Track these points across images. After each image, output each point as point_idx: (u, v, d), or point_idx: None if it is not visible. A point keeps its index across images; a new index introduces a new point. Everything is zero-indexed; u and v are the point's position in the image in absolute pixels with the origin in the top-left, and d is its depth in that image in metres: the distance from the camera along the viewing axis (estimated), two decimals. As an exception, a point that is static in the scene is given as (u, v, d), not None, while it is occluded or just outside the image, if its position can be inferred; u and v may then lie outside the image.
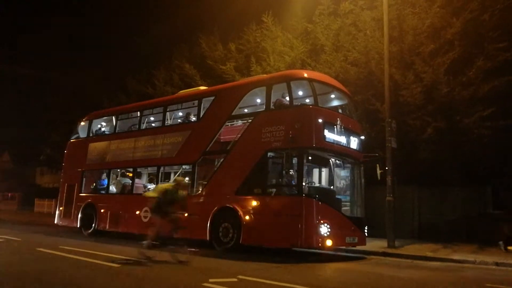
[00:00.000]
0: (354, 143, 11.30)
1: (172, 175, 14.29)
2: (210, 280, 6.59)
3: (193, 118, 13.12)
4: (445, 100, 14.98)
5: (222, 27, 22.98)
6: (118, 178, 15.46)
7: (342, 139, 10.77)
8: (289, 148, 9.91)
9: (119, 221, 13.88)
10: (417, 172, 15.36)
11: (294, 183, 10.16)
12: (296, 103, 11.03)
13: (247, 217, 10.45)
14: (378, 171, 12.15)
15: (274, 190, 10.54)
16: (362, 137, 12.16)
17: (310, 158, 10.31)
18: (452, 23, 15.00)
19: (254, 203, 10.53)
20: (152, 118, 15.04)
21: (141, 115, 14.87)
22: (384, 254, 11.42)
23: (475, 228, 14.64)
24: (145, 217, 12.78)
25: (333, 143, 10.50)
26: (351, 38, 16.94)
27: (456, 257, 10.79)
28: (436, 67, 14.92)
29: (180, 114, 14.26)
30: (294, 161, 10.05)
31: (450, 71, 14.95)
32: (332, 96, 12.26)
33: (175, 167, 13.80)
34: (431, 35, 15.49)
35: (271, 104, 11.07)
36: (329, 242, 9.84)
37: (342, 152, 10.99)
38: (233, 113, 11.96)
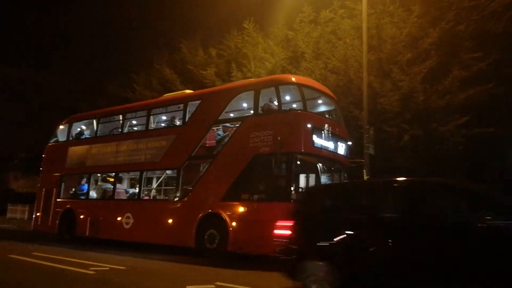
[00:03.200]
0: (341, 148, 11.38)
1: (154, 180, 14.17)
2: (187, 286, 6.62)
3: (178, 122, 13.01)
4: (422, 108, 15.32)
5: (203, 32, 23.10)
6: (99, 183, 15.21)
7: (330, 145, 10.83)
8: (278, 153, 9.81)
9: (99, 227, 13.65)
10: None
11: (282, 189, 10.05)
12: (284, 108, 11.04)
13: (233, 224, 10.37)
14: (365, 177, 12.32)
15: (261, 195, 10.46)
16: (349, 143, 12.27)
17: (298, 163, 10.26)
18: (429, 33, 15.38)
19: (241, 209, 10.46)
20: (134, 122, 14.89)
21: (124, 119, 14.66)
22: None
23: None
24: (127, 223, 12.65)
25: (321, 148, 10.54)
26: (331, 46, 17.18)
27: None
28: (413, 75, 15.26)
29: (164, 118, 14.13)
30: (282, 166, 9.96)
31: (427, 79, 15.31)
32: (320, 101, 12.31)
33: (158, 172, 13.65)
34: (408, 44, 15.83)
35: (259, 109, 11.03)
36: None
37: (330, 157, 11.04)
38: (220, 118, 11.86)
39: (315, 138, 10.33)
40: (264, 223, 9.76)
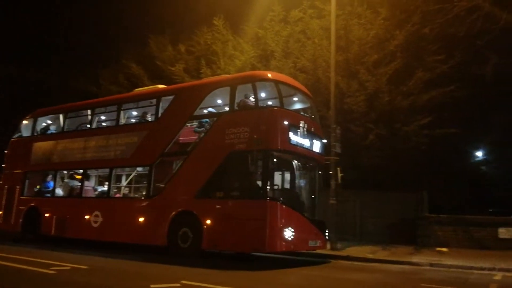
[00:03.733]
0: (316, 146, 11.34)
1: (124, 177, 13.85)
2: (152, 285, 6.49)
3: (150, 118, 12.71)
4: (387, 108, 15.79)
5: (172, 28, 22.79)
6: (65, 180, 14.74)
7: (306, 142, 10.76)
8: (254, 150, 9.68)
9: (66, 226, 13.25)
10: (360, 177, 16.02)
11: (258, 186, 9.92)
12: (261, 105, 10.90)
13: (208, 222, 10.22)
14: (339, 174, 12.51)
15: (237, 193, 10.25)
16: (324, 140, 12.23)
17: (275, 160, 10.12)
18: (395, 35, 15.81)
19: (216, 206, 10.27)
20: (104, 117, 14.43)
21: (93, 114, 14.20)
22: (326, 256, 11.78)
23: (412, 230, 15.50)
24: (96, 222, 12.43)
25: (297, 145, 10.45)
26: (300, 46, 17.39)
27: (394, 258, 11.48)
28: (379, 76, 15.68)
29: (135, 113, 13.81)
30: (258, 164, 9.79)
31: (392, 81, 15.77)
32: (295, 98, 12.20)
33: (129, 169, 13.32)
34: (375, 46, 16.23)
35: (235, 105, 10.86)
36: (292, 246, 9.79)
37: (305, 154, 10.98)
38: (195, 114, 11.66)
39: (291, 135, 10.23)
40: (240, 221, 9.78)
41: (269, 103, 11.47)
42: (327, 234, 11.55)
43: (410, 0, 15.92)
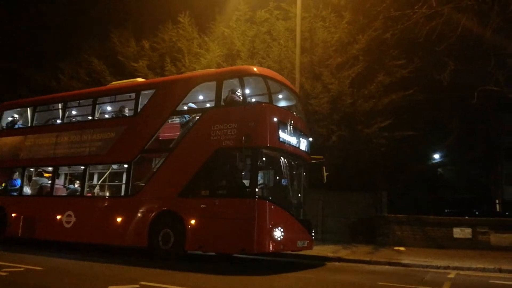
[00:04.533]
0: (303, 144, 11.15)
1: (98, 175, 13.25)
2: (109, 287, 6.40)
3: (129, 113, 12.23)
4: (349, 110, 16.12)
5: (136, 23, 22.38)
6: (34, 178, 13.88)
7: (293, 140, 10.52)
8: (243, 147, 9.32)
9: (35, 227, 12.48)
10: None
11: (247, 185, 9.61)
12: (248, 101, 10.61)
13: (192, 222, 9.80)
14: (324, 174, 12.37)
15: (224, 191, 9.93)
16: (310, 139, 12.11)
17: (264, 158, 9.87)
18: (358, 39, 16.17)
19: (201, 206, 9.86)
20: (76, 112, 13.78)
21: (65, 107, 13.50)
22: (288, 255, 11.77)
23: (371, 230, 15.89)
24: (68, 222, 11.85)
25: (285, 143, 10.15)
26: (266, 46, 17.47)
27: (354, 257, 11.75)
28: (342, 79, 15.99)
29: (110, 108, 13.28)
30: (247, 161, 9.44)
31: (354, 83, 16.12)
32: (281, 96, 11.87)
33: (104, 166, 12.72)
34: (339, 49, 16.54)
35: (221, 101, 10.52)
36: (282, 247, 9.49)
37: (293, 152, 10.61)
38: (177, 109, 11.15)
39: (280, 132, 9.94)
40: (227, 221, 9.42)
41: (254, 99, 11.18)
42: (313, 234, 11.47)
43: (372, 5, 16.27)
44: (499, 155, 40.04)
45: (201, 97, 11.80)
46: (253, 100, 11.22)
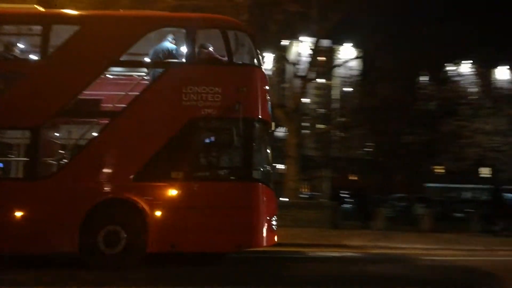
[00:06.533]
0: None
1: None
2: None
3: (30, 54, 8.48)
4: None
5: None
6: None
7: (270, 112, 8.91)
8: (232, 117, 7.59)
9: None
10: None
11: (240, 165, 8.00)
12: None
13: (158, 213, 7.43)
14: None
15: (207, 173, 8.03)
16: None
17: (256, 133, 8.13)
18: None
19: (171, 192, 7.61)
20: None
21: None
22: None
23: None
24: None
25: (270, 115, 8.70)
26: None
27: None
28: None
29: None
30: (236, 136, 7.67)
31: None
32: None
33: None
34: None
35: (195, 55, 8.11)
36: (276, 238, 8.17)
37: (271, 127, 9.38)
38: (122, 58, 8.26)
39: (268, 103, 8.53)
40: (214, 211, 7.57)
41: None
42: None
43: None
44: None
45: (160, 46, 8.52)
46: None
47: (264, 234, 7.79)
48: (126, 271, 7.03)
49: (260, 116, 8.07)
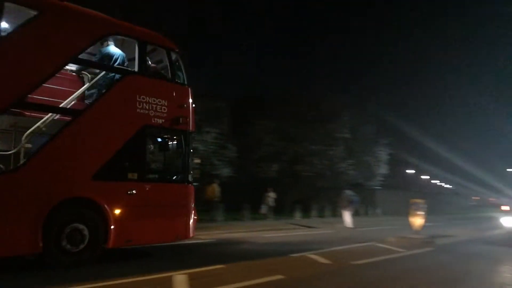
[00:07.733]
0: None
1: None
2: None
3: None
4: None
5: None
6: None
7: None
8: (177, 129, 8.86)
9: None
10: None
11: (181, 170, 9.15)
12: None
13: (117, 212, 7.77)
14: None
15: (156, 176, 9.07)
16: None
17: (190, 143, 9.35)
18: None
19: (128, 191, 8.00)
20: None
21: None
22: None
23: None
24: None
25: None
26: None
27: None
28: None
29: None
30: (179, 145, 9.06)
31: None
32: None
33: None
34: None
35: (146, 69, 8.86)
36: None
37: None
38: (81, 56, 8.13)
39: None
40: (162, 208, 8.58)
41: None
42: None
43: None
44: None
45: (112, 50, 8.64)
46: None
47: (193, 227, 9.21)
48: (87, 267, 7.29)
49: (193, 130, 9.40)
